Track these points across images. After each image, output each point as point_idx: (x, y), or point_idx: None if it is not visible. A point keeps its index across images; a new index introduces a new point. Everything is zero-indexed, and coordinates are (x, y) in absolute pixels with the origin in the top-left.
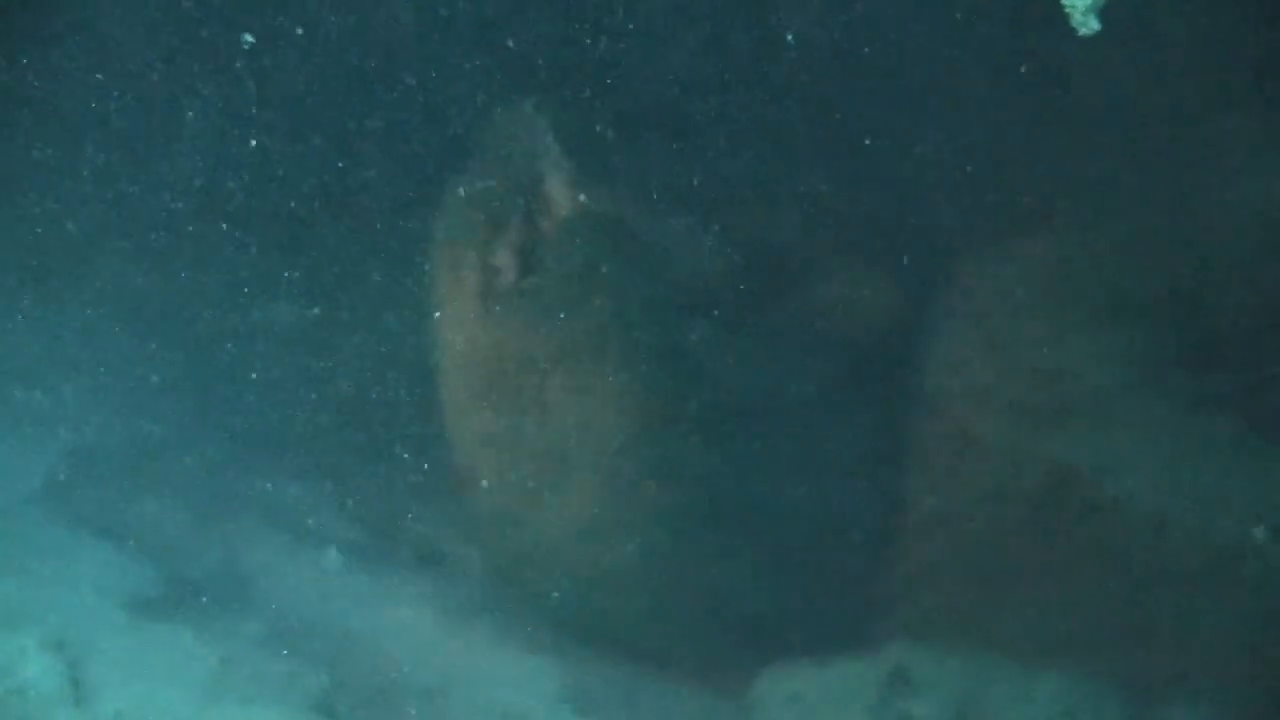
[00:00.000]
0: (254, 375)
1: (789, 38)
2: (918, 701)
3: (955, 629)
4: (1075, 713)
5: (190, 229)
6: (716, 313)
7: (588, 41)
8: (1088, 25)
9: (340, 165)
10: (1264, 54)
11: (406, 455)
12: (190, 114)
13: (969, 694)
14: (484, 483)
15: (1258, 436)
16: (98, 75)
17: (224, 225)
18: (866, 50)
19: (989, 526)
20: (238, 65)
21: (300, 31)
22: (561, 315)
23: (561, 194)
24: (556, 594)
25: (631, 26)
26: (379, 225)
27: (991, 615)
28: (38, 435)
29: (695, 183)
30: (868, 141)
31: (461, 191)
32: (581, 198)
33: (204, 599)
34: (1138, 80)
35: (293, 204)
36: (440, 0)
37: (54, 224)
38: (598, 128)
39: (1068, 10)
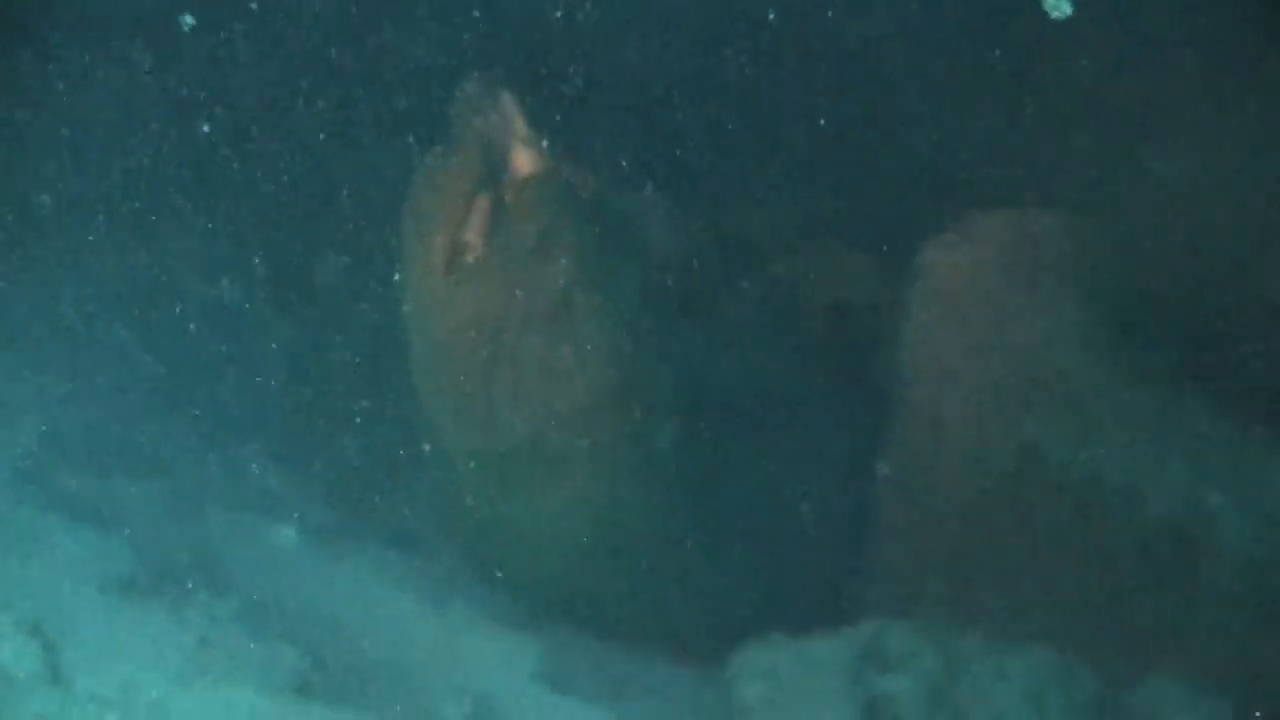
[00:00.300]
0: (226, 354)
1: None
2: (892, 678)
3: (928, 607)
4: (1048, 691)
5: (158, 209)
6: (685, 291)
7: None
8: (1060, 9)
9: (304, 142)
10: (1246, 38)
11: (378, 433)
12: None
13: (942, 672)
14: (456, 460)
15: (1233, 414)
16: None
17: (190, 205)
18: (837, 30)
19: (961, 505)
20: (192, 46)
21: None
22: (531, 287)
23: (530, 168)
24: (532, 572)
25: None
26: (345, 201)
27: (964, 594)
28: (9, 417)
29: (661, 161)
30: (840, 122)
31: (427, 165)
32: (550, 171)
33: (179, 580)
34: (1112, 65)
35: (256, 183)
36: None
37: (22, 203)
38: (567, 102)
39: None
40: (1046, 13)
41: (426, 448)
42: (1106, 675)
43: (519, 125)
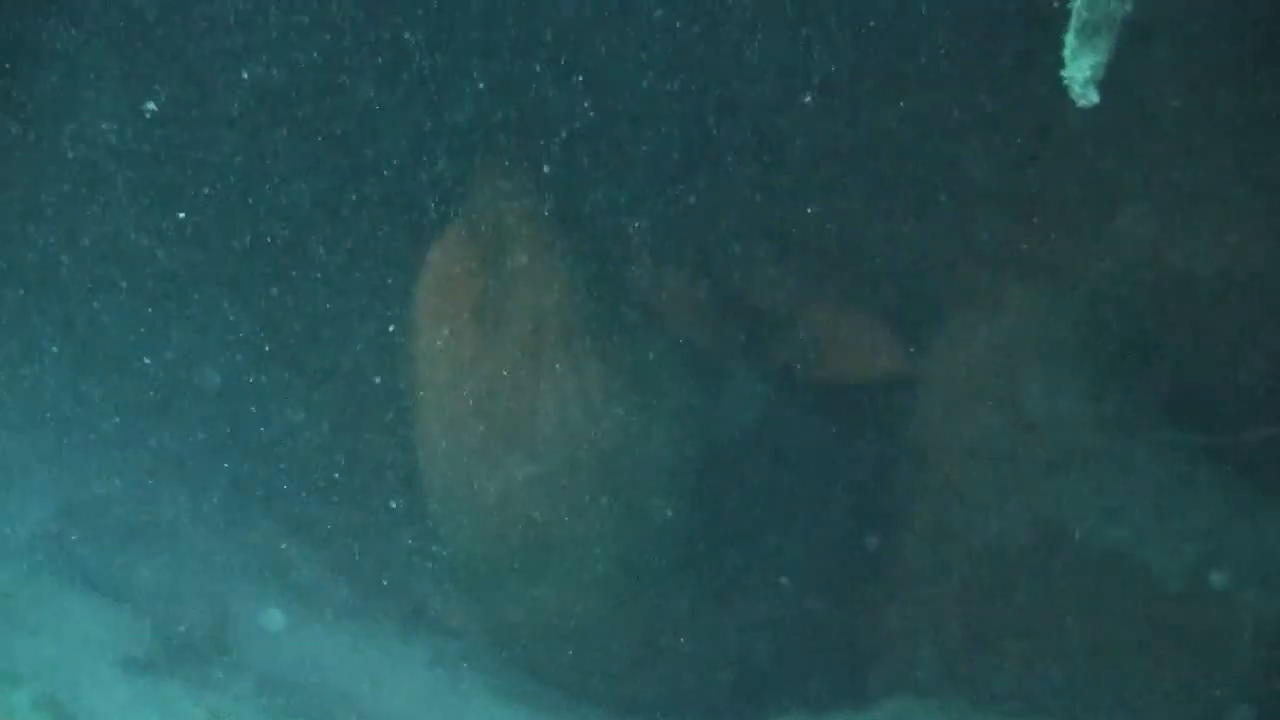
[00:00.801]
0: (245, 431)
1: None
2: None
3: (950, 683)
4: None
5: (179, 279)
6: (706, 357)
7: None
8: (1087, 98)
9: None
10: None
11: (398, 512)
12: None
13: None
14: (471, 537)
15: (1252, 490)
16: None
17: (213, 278)
18: (866, 105)
19: (982, 580)
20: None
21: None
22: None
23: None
24: (551, 650)
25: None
26: (359, 275)
27: (986, 669)
28: (28, 488)
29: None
30: (859, 195)
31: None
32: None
33: (195, 655)
34: (1130, 143)
35: (276, 254)
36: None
37: (47, 272)
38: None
39: (1067, 83)
40: (1073, 101)
41: (440, 524)
42: None
43: (524, 195)
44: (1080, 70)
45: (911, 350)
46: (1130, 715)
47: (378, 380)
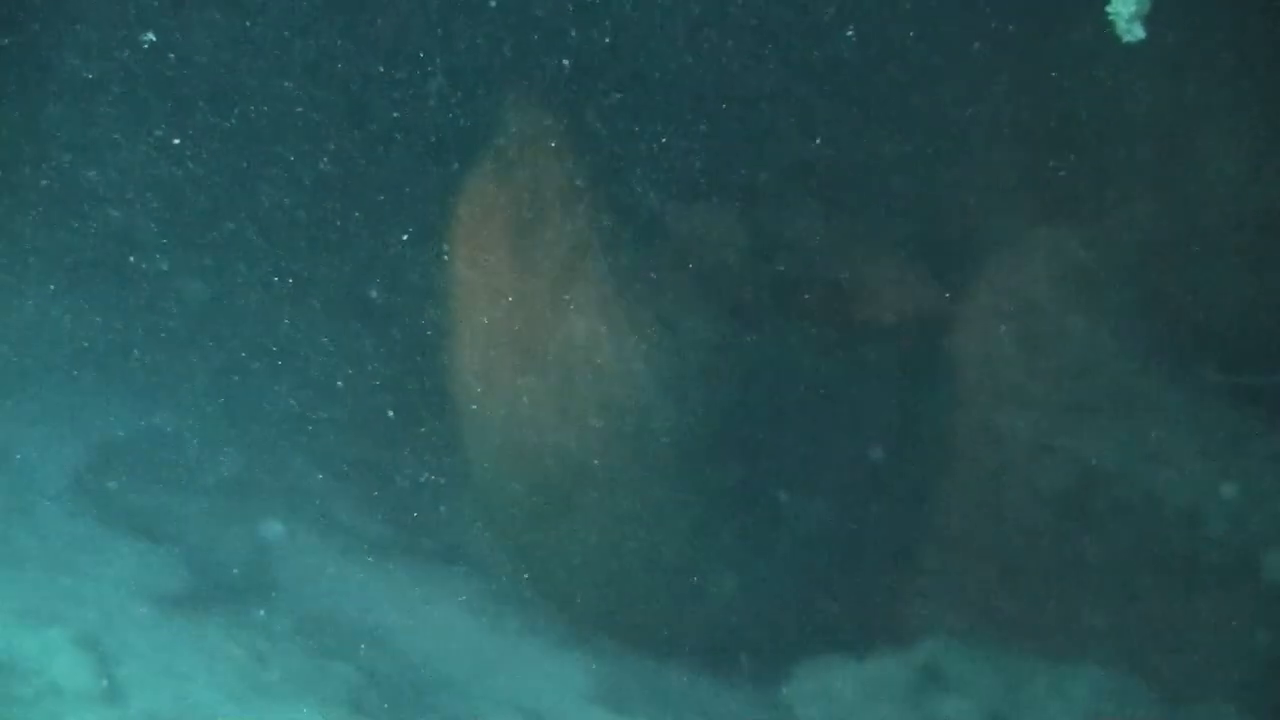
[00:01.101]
0: (282, 370)
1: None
2: (949, 699)
3: (987, 626)
4: (1107, 712)
5: (216, 223)
6: (746, 305)
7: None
8: (1132, 33)
9: (353, 156)
10: None
11: (432, 448)
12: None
13: (1001, 692)
14: (510, 476)
15: None
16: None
17: (243, 224)
18: (907, 46)
19: (1020, 524)
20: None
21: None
22: (580, 307)
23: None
24: (588, 589)
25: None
26: (397, 219)
27: (1023, 613)
28: (66, 430)
29: (713, 169)
30: (898, 138)
31: (475, 179)
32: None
33: (233, 594)
34: (1174, 81)
35: (314, 199)
36: None
37: (86, 220)
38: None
39: (1112, 18)
40: (1118, 38)
41: (475, 461)
42: (1166, 694)
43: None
44: (1125, 5)
45: (949, 293)
46: (1167, 655)
47: (417, 319)
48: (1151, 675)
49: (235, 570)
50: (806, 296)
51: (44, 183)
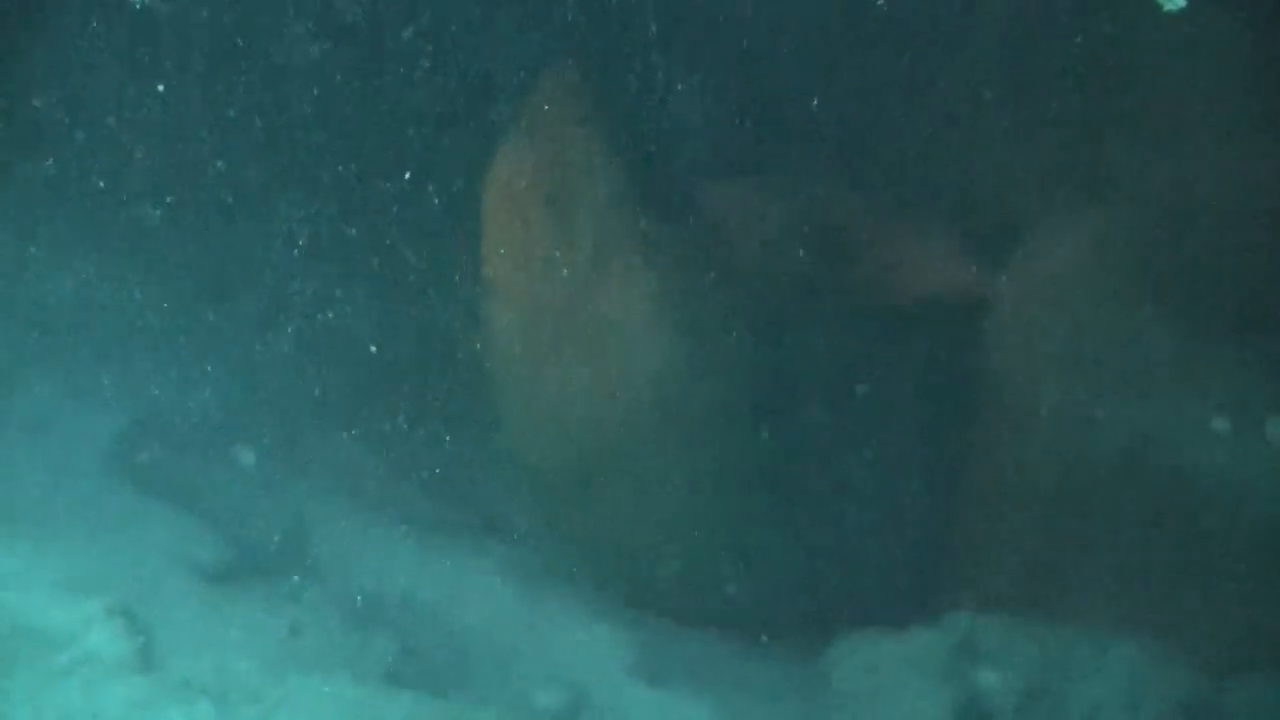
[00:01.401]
0: (323, 341)
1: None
2: (987, 672)
3: (1026, 599)
4: (1147, 686)
5: (241, 197)
6: (782, 281)
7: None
8: (1174, 2)
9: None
10: None
11: (472, 421)
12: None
13: (1039, 666)
14: (551, 449)
15: None
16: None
17: (274, 195)
18: (938, 17)
19: (1059, 497)
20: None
21: None
22: (611, 277)
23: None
24: (626, 563)
25: None
26: (426, 190)
27: (1062, 586)
28: (104, 402)
29: (749, 147)
30: (934, 110)
31: (505, 152)
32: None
33: (271, 566)
34: (1217, 52)
35: (346, 166)
36: None
37: (120, 193)
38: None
39: None
40: (1159, 6)
41: (514, 433)
42: (1205, 669)
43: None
44: None
45: (988, 264)
46: (1208, 630)
47: (450, 289)
48: (1192, 649)
49: (273, 542)
50: (842, 267)
51: (79, 156)
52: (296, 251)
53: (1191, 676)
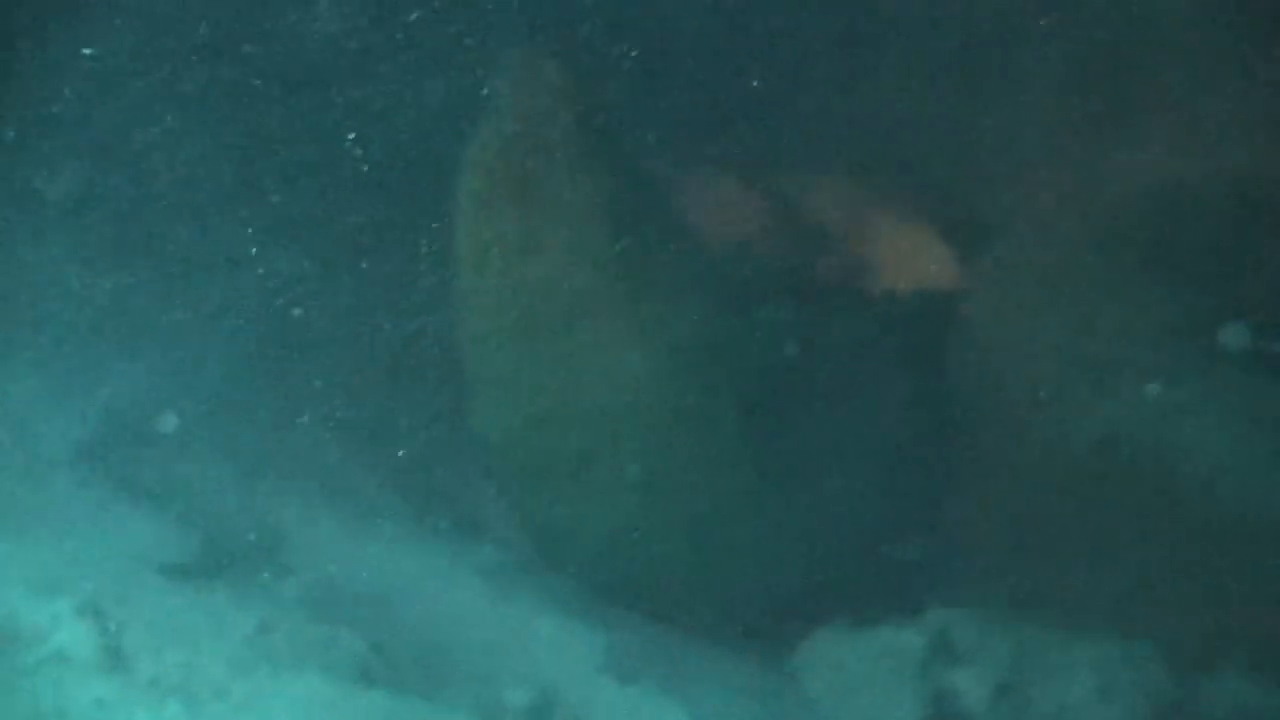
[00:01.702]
0: (292, 336)
1: None
2: (959, 670)
3: (998, 596)
4: (1120, 683)
5: (223, 188)
6: (758, 273)
7: None
8: None
9: (357, 116)
10: None
11: (446, 417)
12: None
13: (1012, 663)
14: (521, 446)
15: None
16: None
17: (255, 182)
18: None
19: (1032, 491)
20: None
21: None
22: (589, 269)
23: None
24: (597, 560)
25: None
26: (402, 181)
27: (1035, 582)
28: (77, 396)
29: (728, 139)
30: (914, 99)
31: (483, 142)
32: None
33: (241, 563)
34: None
35: (316, 159)
36: None
37: (91, 182)
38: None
39: None
40: None
41: (487, 430)
42: (1181, 664)
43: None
44: None
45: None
46: (1181, 625)
47: (430, 284)
48: (1165, 645)
49: (244, 539)
50: (817, 260)
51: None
52: (267, 242)
53: (1164, 672)
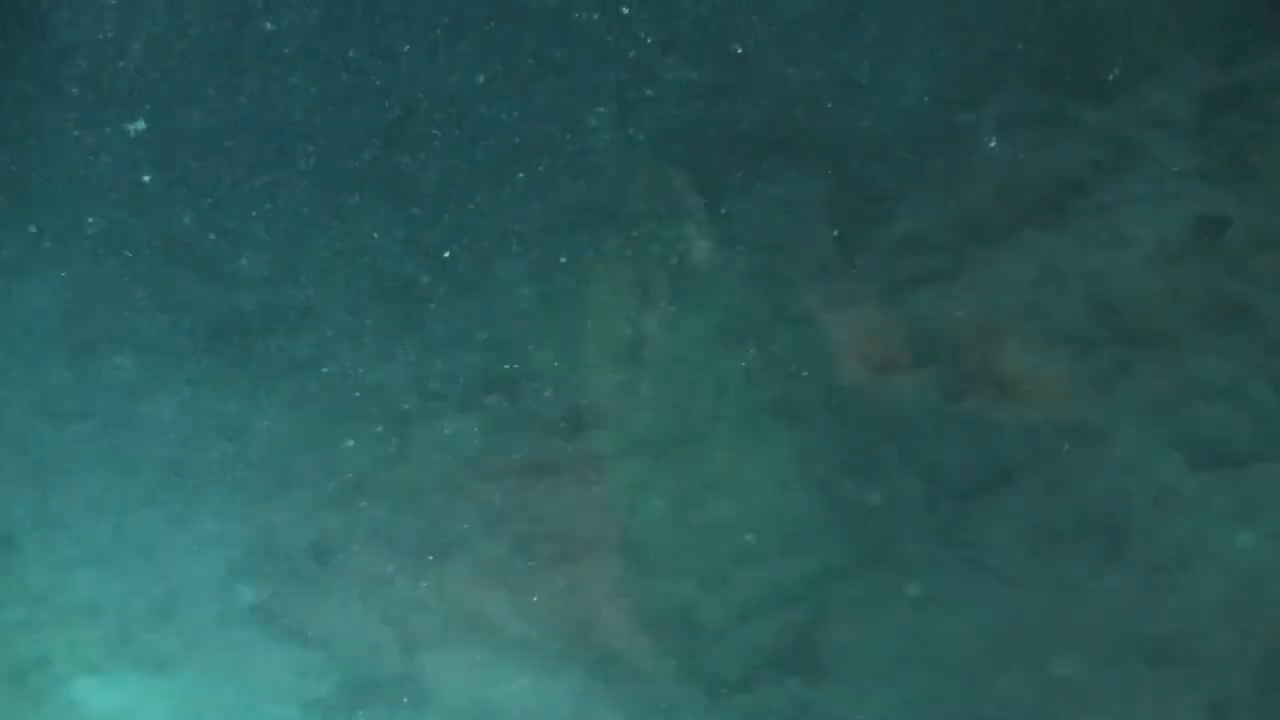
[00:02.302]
0: (429, 473)
1: None
2: None
3: None
4: None
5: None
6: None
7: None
8: None
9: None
10: None
11: (584, 550)
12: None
13: None
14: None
15: None
16: None
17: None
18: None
19: None
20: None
21: None
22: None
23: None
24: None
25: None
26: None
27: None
28: (215, 531)
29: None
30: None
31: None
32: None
33: (382, 698)
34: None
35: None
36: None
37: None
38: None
39: None
40: None
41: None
42: None
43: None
44: None
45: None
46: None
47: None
48: None
49: (384, 674)
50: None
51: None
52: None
53: None
